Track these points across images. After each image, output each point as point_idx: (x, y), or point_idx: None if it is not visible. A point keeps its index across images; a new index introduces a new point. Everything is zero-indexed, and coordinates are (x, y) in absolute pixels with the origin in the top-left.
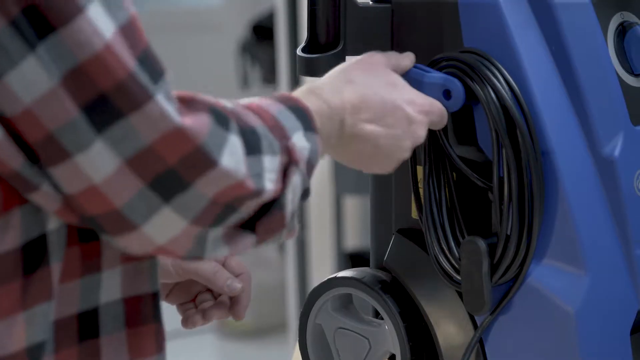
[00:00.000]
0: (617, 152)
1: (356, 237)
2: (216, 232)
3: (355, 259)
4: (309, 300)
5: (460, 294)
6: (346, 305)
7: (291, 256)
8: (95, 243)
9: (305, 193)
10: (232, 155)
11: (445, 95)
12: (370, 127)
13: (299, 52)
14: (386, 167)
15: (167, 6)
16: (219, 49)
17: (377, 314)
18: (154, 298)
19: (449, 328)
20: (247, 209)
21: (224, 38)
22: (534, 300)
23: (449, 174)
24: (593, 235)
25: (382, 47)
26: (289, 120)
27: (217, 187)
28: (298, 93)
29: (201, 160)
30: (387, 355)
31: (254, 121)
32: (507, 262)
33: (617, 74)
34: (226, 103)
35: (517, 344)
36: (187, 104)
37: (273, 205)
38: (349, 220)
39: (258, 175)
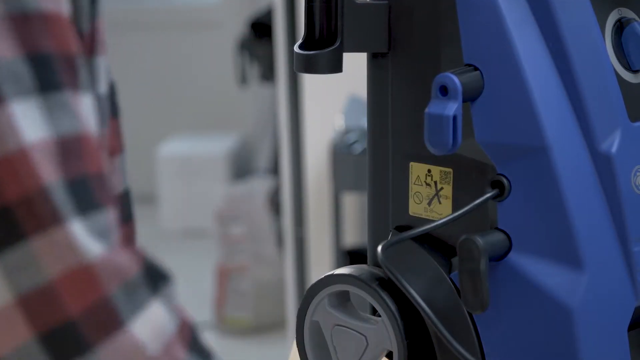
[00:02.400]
0: (614, 149)
1: (355, 234)
2: None
3: (354, 256)
4: (306, 298)
5: (458, 291)
6: (343, 302)
7: (290, 253)
8: None
9: None
10: (147, 324)
11: (442, 92)
12: None
13: (296, 48)
14: None
15: (165, 4)
16: (217, 46)
17: (374, 311)
18: None
19: (447, 326)
20: None
21: (222, 35)
22: (532, 297)
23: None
24: (590, 232)
25: (379, 44)
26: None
27: None
28: None
29: (106, 317)
30: (385, 353)
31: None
32: None
33: (615, 70)
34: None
35: (515, 341)
36: (124, 247)
37: None
38: (347, 218)
39: None
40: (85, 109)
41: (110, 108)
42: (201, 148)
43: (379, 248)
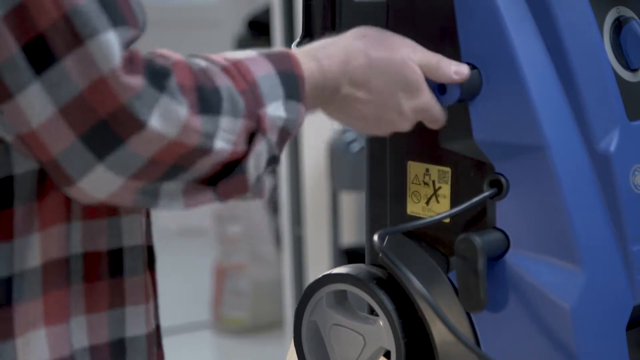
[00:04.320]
0: (613, 148)
1: (352, 234)
2: (170, 186)
3: (351, 256)
4: (304, 297)
5: (456, 291)
6: (341, 301)
7: (288, 252)
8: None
9: (273, 160)
10: (162, 117)
11: (440, 90)
12: (360, 99)
13: (294, 47)
14: (376, 132)
15: (163, 3)
16: (215, 44)
17: (372, 311)
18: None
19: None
20: (202, 167)
21: (220, 34)
22: (530, 296)
23: None
24: (589, 231)
25: None
26: (270, 87)
27: (151, 148)
28: (300, 53)
29: (127, 120)
30: (382, 352)
31: (222, 82)
32: None
33: (613, 69)
34: (199, 61)
35: (513, 340)
36: (130, 61)
37: (235, 168)
38: (345, 217)
39: (207, 134)
40: None
41: None
42: None
43: (376, 236)
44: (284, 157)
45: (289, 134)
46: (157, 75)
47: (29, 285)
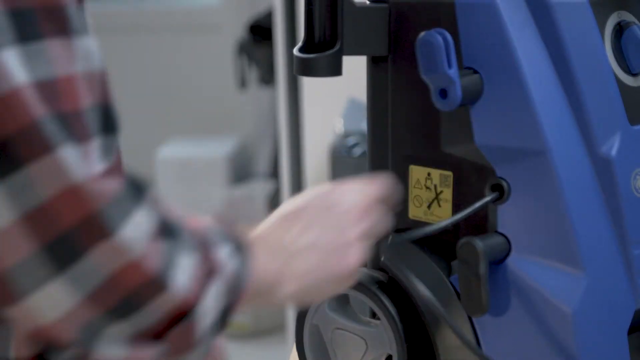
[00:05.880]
0: (614, 152)
1: None
2: (117, 329)
3: None
4: None
5: (458, 295)
6: (343, 305)
7: None
8: None
9: (224, 317)
10: (134, 229)
11: (441, 94)
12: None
13: (295, 51)
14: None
15: (164, 6)
16: (216, 49)
17: (374, 315)
18: None
19: (447, 329)
20: (155, 308)
21: (221, 38)
22: (532, 300)
23: None
24: (590, 235)
25: (379, 47)
26: (219, 235)
27: (113, 262)
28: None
29: (97, 226)
30: (384, 356)
31: (177, 219)
32: None
33: (615, 73)
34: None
35: (514, 344)
36: (110, 171)
37: (185, 316)
38: None
39: (166, 263)
40: (82, 50)
41: None
42: (200, 151)
43: (380, 247)
44: (286, 162)
45: (240, 289)
46: (136, 187)
47: None
